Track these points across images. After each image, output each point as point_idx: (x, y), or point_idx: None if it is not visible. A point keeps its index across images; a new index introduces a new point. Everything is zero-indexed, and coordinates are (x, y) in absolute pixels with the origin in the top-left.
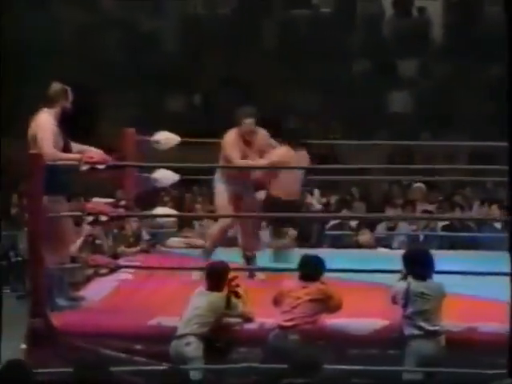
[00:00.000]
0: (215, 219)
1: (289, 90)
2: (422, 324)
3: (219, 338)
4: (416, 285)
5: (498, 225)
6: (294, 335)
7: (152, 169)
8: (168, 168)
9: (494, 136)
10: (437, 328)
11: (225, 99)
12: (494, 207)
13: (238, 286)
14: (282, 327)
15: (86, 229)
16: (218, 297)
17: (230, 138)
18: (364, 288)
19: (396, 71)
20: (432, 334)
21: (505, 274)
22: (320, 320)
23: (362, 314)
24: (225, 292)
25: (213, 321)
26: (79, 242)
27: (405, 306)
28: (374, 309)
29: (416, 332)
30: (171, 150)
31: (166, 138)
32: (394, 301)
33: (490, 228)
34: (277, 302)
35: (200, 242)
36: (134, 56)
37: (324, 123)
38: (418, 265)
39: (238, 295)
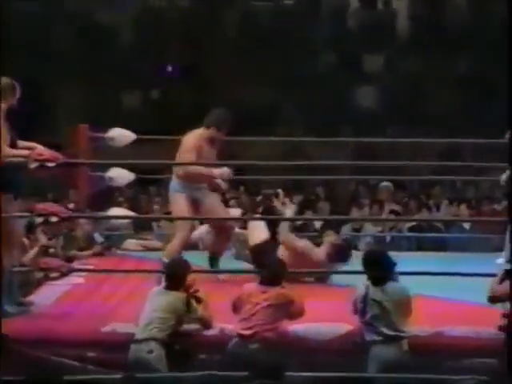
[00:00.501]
0: (173, 222)
1: (250, 84)
2: (382, 329)
3: (179, 343)
4: (374, 289)
5: (466, 225)
6: (253, 344)
7: (106, 167)
8: (123, 166)
9: (464, 132)
10: (397, 333)
11: (184, 94)
12: (463, 207)
13: (197, 290)
14: (241, 336)
15: (41, 239)
16: (177, 297)
17: (193, 141)
18: (328, 291)
19: (361, 65)
20: (392, 339)
21: (473, 275)
22: (281, 326)
23: (326, 319)
24: (184, 293)
25: (173, 323)
26: (33, 252)
27: (363, 311)
28: (337, 313)
29: (376, 337)
30: (126, 148)
31: (120, 135)
32: (354, 306)
33: (458, 228)
34: (235, 308)
35: (158, 244)
36: (89, 49)
37: (286, 119)
38: (377, 268)
39: (198, 300)
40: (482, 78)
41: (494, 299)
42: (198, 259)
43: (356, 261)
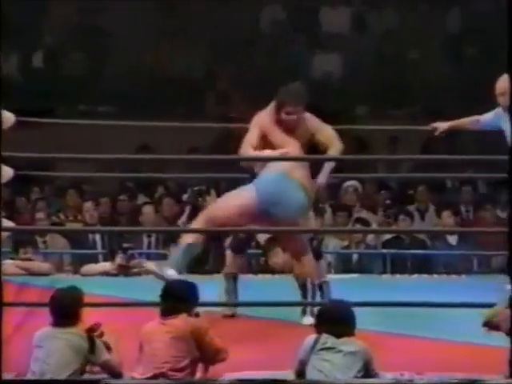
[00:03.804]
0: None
1: (167, 46)
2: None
3: None
4: (327, 338)
5: (452, 240)
6: None
7: None
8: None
9: (455, 111)
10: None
11: (76, 59)
12: (446, 215)
13: (102, 334)
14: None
15: None
16: (76, 334)
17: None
18: (275, 328)
19: (319, 24)
20: None
21: (461, 306)
22: (194, 367)
23: (267, 365)
24: (83, 329)
25: (77, 369)
26: None
27: (305, 360)
28: (282, 356)
29: None
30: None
31: None
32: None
33: (443, 243)
34: (140, 351)
35: (43, 266)
36: None
37: (220, 93)
38: (334, 324)
39: (105, 345)
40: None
41: (490, 325)
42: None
43: None
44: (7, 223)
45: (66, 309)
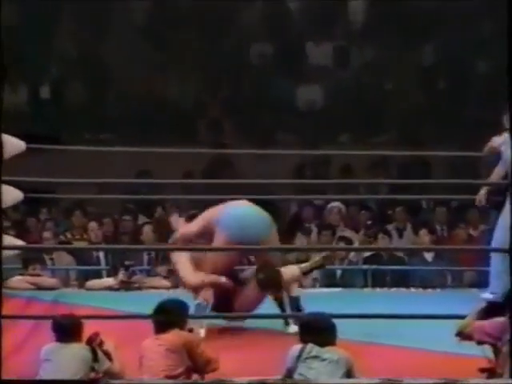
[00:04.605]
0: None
1: (161, 78)
2: None
3: None
4: (312, 347)
5: (428, 256)
6: None
7: None
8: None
9: (430, 138)
10: None
11: (80, 89)
12: (423, 232)
13: (102, 343)
14: None
15: None
16: (81, 347)
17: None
18: (263, 337)
19: (305, 57)
20: None
21: (435, 317)
22: (188, 375)
23: (255, 372)
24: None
25: (83, 377)
26: None
27: (293, 368)
28: (273, 364)
29: None
30: (14, 159)
31: (5, 144)
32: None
33: (420, 260)
34: (139, 365)
35: (51, 281)
36: None
37: (210, 123)
38: (317, 334)
39: (106, 354)
40: (452, 70)
41: (463, 335)
42: None
43: None
44: (17, 242)
45: (67, 330)
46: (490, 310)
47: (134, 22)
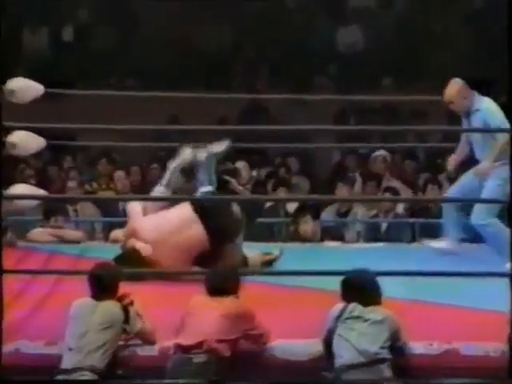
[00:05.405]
0: None
1: (191, 24)
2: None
3: (119, 365)
4: (354, 306)
5: None
6: (199, 357)
7: (6, 131)
8: (31, 129)
9: (480, 84)
10: (377, 355)
11: (103, 34)
12: None
13: (132, 303)
14: (181, 348)
15: None
16: (113, 305)
17: None
18: (305, 296)
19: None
20: (374, 362)
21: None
22: (235, 344)
23: (301, 333)
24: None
25: (112, 344)
26: None
27: (333, 329)
28: (315, 325)
29: (348, 360)
30: (32, 104)
31: (23, 87)
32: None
33: None
34: (182, 324)
35: (75, 234)
36: None
37: (245, 68)
38: (360, 293)
39: (137, 314)
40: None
41: None
42: None
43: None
44: (38, 191)
45: (105, 283)
46: None
47: None
